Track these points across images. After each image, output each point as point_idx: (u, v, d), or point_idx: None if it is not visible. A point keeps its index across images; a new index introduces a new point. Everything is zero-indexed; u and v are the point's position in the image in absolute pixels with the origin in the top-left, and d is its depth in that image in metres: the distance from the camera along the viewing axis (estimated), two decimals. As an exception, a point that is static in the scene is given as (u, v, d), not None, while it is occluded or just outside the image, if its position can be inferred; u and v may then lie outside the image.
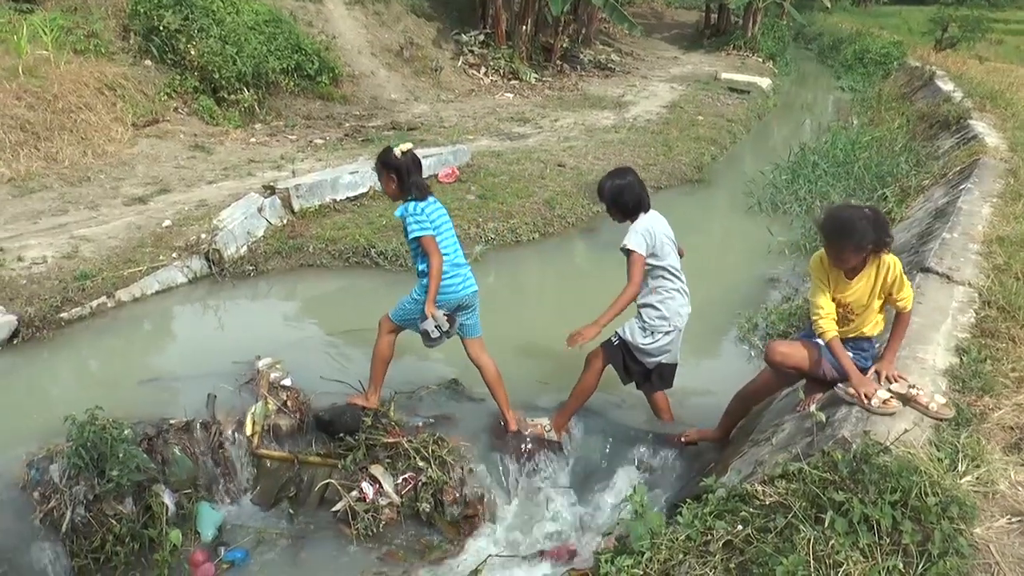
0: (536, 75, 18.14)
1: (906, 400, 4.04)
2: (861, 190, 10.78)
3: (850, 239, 4.16)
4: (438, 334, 4.93)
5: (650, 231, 4.96)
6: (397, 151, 4.99)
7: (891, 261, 4.27)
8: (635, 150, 12.64)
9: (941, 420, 3.95)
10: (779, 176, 11.62)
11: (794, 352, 4.57)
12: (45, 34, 11.05)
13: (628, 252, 4.94)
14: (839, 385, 4.29)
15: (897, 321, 4.39)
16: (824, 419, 4.06)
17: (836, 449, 3.70)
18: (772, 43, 25.34)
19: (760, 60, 24.07)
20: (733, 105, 17.39)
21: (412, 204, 4.99)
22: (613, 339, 5.21)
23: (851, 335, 4.46)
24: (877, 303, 4.38)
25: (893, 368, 4.23)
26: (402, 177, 4.98)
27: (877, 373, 4.20)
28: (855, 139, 13.30)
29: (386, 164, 5.02)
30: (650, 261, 4.98)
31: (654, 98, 17.43)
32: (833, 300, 4.41)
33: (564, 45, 19.43)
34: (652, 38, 25.40)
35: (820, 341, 4.44)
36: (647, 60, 22.51)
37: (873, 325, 4.45)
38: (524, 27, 18.42)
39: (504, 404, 5.47)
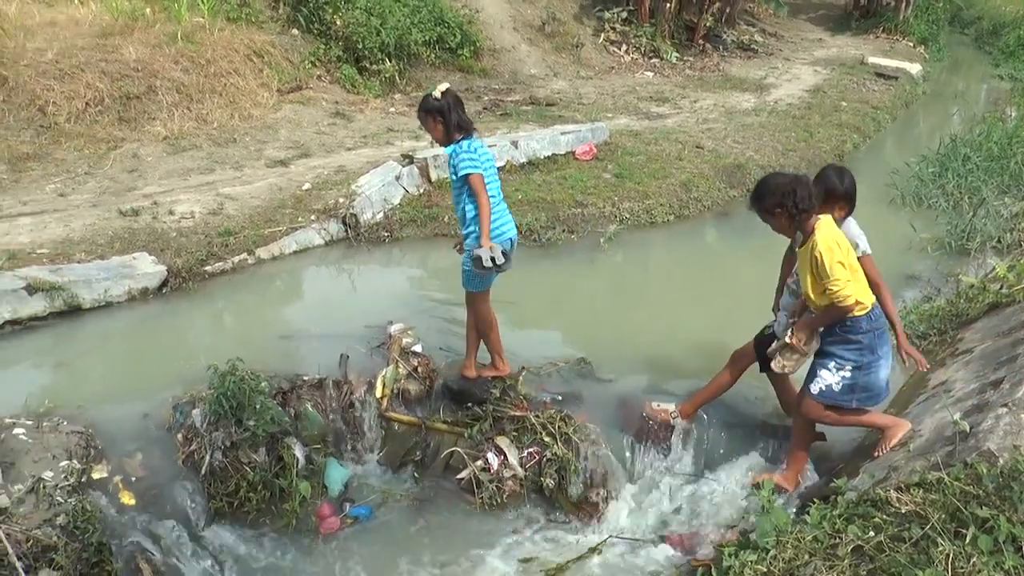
0: (677, 54, 17.76)
1: None
2: (1017, 187, 10.16)
3: (758, 202, 4.21)
4: (491, 265, 4.90)
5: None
6: (436, 92, 4.96)
7: (819, 236, 4.06)
8: (775, 135, 12.27)
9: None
10: (925, 168, 11.03)
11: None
12: (202, 3, 11.52)
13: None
14: None
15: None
16: (968, 429, 3.90)
17: (981, 462, 3.55)
18: (925, 27, 23.96)
19: (911, 44, 22.85)
20: (879, 91, 16.62)
21: (464, 142, 4.97)
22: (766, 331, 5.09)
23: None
24: (812, 282, 4.17)
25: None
26: (447, 118, 4.95)
27: None
28: (1013, 132, 12.48)
29: (428, 109, 4.99)
30: None
31: (796, 81, 16.85)
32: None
33: (708, 24, 18.95)
34: (797, 19, 24.42)
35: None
36: (791, 42, 21.71)
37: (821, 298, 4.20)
38: (668, 5, 18.03)
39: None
